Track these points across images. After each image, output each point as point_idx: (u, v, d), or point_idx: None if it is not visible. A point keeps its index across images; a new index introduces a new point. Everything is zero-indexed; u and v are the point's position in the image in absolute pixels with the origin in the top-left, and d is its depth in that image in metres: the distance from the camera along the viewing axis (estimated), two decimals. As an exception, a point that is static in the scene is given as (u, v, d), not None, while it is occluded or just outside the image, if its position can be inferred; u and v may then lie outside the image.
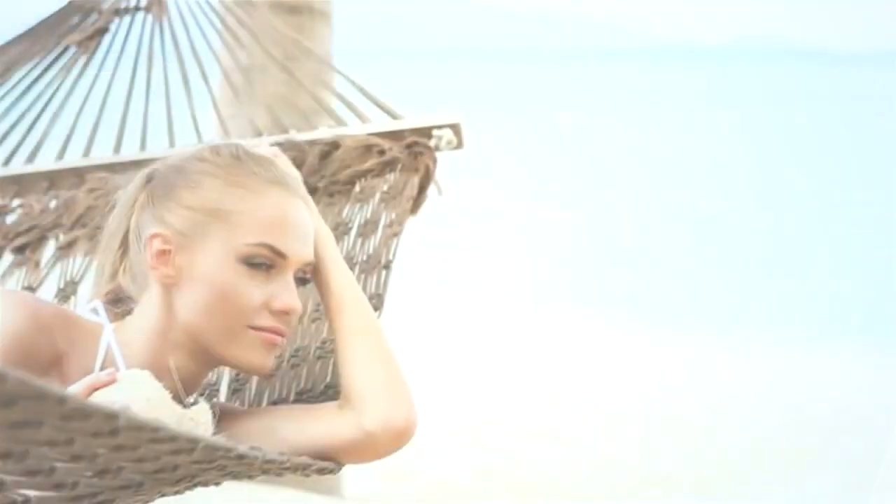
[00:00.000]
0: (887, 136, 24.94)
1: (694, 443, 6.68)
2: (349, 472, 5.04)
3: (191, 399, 1.79)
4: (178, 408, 1.61)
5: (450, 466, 6.16)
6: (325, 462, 1.72)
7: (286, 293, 1.73)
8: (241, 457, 1.47)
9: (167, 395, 1.61)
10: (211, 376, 2.00)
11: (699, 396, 7.62)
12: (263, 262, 1.73)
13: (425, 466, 6.07)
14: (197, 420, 1.62)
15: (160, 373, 1.71)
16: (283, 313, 1.72)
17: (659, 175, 20.28)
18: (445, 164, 2.48)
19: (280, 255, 1.73)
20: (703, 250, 13.98)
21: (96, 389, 1.59)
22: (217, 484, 1.65)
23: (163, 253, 1.74)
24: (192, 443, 1.35)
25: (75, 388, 1.59)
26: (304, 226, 1.78)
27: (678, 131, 27.79)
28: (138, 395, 1.59)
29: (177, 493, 1.64)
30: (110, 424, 1.17)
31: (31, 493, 1.34)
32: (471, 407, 7.25)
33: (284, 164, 1.95)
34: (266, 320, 1.71)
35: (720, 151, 24.09)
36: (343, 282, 1.84)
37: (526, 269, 12.82)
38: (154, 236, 1.75)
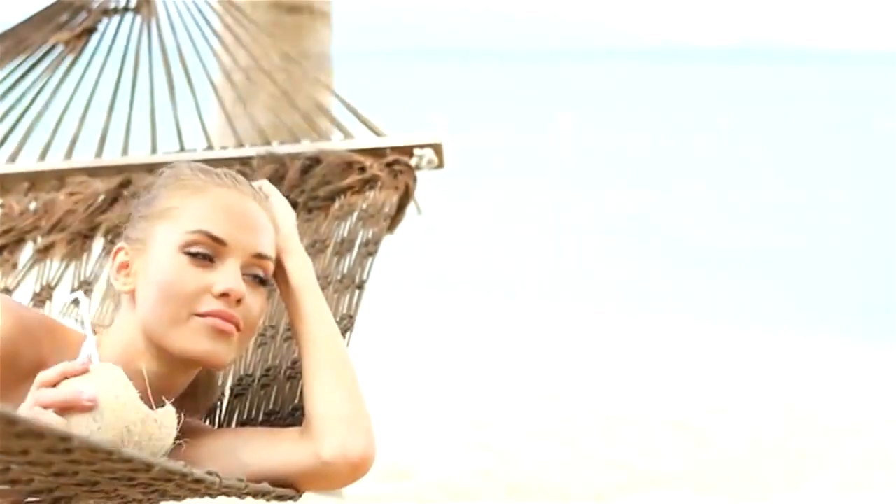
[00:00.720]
0: (887, 136, 24.93)
1: (694, 443, 6.68)
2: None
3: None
4: (144, 408, 1.60)
5: (450, 466, 6.16)
6: (283, 489, 1.71)
7: (227, 278, 1.72)
8: (197, 481, 1.47)
9: (135, 395, 1.61)
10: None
11: (699, 396, 7.62)
12: (203, 250, 1.73)
13: (425, 466, 6.07)
14: (161, 422, 1.62)
15: (132, 379, 1.71)
16: (225, 296, 1.71)
17: (659, 175, 20.27)
18: (450, 168, 2.48)
19: (218, 241, 1.74)
20: (702, 249, 13.97)
21: (67, 378, 1.60)
22: (178, 499, 1.64)
23: (123, 265, 1.79)
24: (147, 466, 1.36)
25: (48, 374, 1.60)
26: (250, 219, 1.78)
27: (678, 131, 27.79)
28: (108, 389, 1.58)
29: (141, 501, 1.64)
30: (64, 444, 1.18)
31: None
32: (470, 407, 7.24)
33: (269, 189, 1.96)
34: (210, 305, 1.71)
35: (720, 151, 24.08)
36: (314, 309, 1.84)
37: (523, 268, 12.82)
38: (118, 250, 1.80)
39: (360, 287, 2.12)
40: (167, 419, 1.62)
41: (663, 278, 12.40)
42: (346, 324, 2.02)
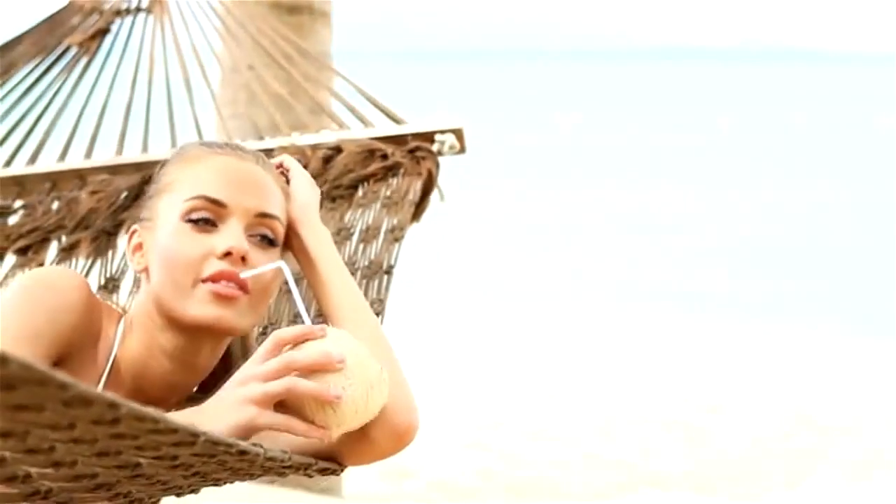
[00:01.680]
0: (887, 136, 24.94)
1: (693, 442, 6.69)
2: (348, 471, 5.05)
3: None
4: (377, 364, 1.62)
5: (450, 466, 6.17)
6: (326, 462, 1.70)
7: (229, 237, 1.71)
8: (242, 453, 1.45)
9: (369, 353, 1.62)
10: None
11: (698, 396, 7.62)
12: (204, 216, 1.72)
13: (425, 466, 6.07)
14: (387, 379, 1.64)
15: (153, 358, 1.74)
16: (228, 255, 1.70)
17: (659, 174, 20.28)
18: (449, 169, 2.48)
19: (218, 203, 1.73)
20: (702, 249, 13.97)
21: (308, 340, 1.60)
22: (217, 484, 1.64)
23: (138, 246, 1.79)
24: (193, 436, 1.34)
25: (284, 335, 1.60)
26: (250, 179, 1.77)
27: (678, 131, 27.79)
28: (347, 348, 1.59)
29: (178, 491, 1.64)
30: (112, 413, 1.18)
31: (32, 469, 1.35)
32: (471, 407, 7.25)
33: (290, 163, 1.95)
34: (213, 267, 1.69)
35: (720, 151, 24.09)
36: (338, 282, 1.82)
37: (523, 268, 12.82)
38: (132, 233, 1.81)
39: (389, 272, 2.12)
40: (385, 377, 1.64)
41: (663, 277, 12.40)
42: (376, 307, 2.01)
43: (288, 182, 1.88)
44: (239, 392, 1.58)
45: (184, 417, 1.46)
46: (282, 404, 1.59)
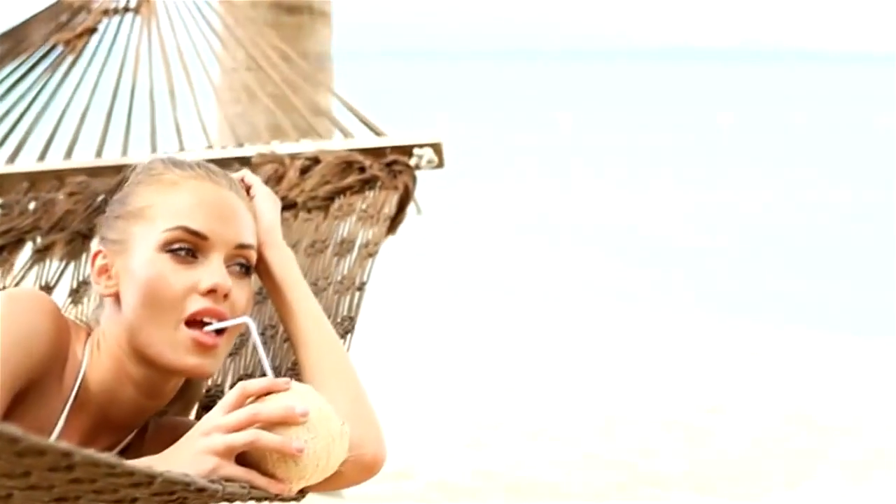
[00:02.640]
0: (887, 136, 24.93)
1: (693, 442, 6.68)
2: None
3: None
4: (338, 420, 1.62)
5: (450, 466, 6.16)
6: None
7: (212, 273, 1.69)
8: (200, 490, 1.45)
9: (332, 408, 1.62)
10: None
11: (699, 396, 7.62)
12: (184, 247, 1.70)
13: (425, 466, 6.07)
14: (348, 433, 1.63)
15: (121, 385, 1.72)
16: (212, 292, 1.69)
17: (658, 174, 20.27)
18: (449, 168, 2.47)
19: (199, 236, 1.71)
20: (702, 248, 13.97)
21: (272, 393, 1.59)
22: None
23: (103, 268, 1.75)
24: (149, 477, 1.34)
25: (251, 387, 1.60)
26: (228, 209, 1.75)
27: (678, 131, 27.79)
28: (310, 402, 1.59)
29: None
30: (66, 461, 1.18)
31: None
32: (470, 407, 7.25)
33: (251, 179, 1.93)
34: (196, 304, 1.68)
35: (720, 151, 24.09)
36: (304, 308, 1.82)
37: (523, 268, 12.82)
38: (96, 254, 1.77)
39: (361, 289, 2.10)
40: (347, 430, 1.64)
41: (663, 277, 12.40)
42: (346, 325, 2.00)
43: (250, 199, 1.86)
44: (202, 442, 1.57)
45: (143, 464, 1.45)
46: (243, 455, 1.58)
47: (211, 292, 1.69)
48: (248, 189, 1.89)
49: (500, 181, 18.96)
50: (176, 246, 1.70)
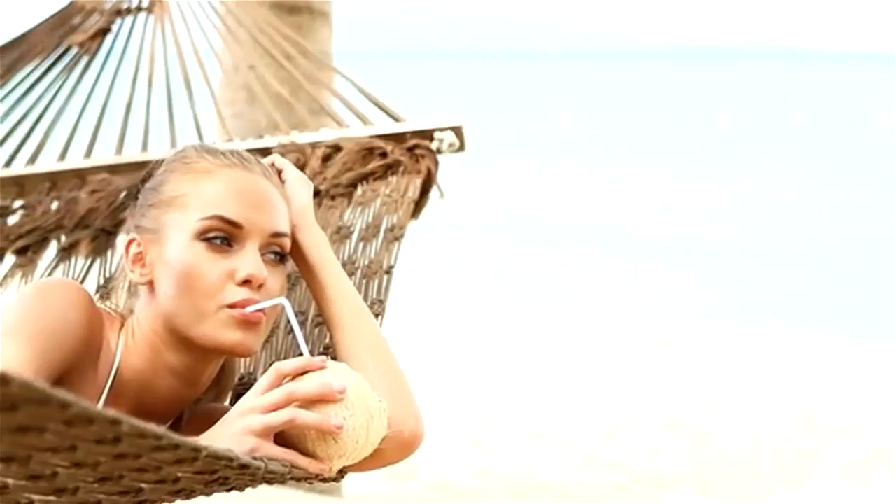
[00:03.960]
0: (887, 136, 24.94)
1: (694, 443, 6.68)
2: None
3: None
4: (376, 396, 1.62)
5: (450, 466, 6.17)
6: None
7: (248, 263, 1.69)
8: (243, 467, 1.45)
9: (368, 385, 1.61)
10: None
11: (699, 396, 7.62)
12: (219, 235, 1.70)
13: (425, 466, 6.07)
14: (386, 410, 1.63)
15: (158, 374, 1.72)
16: (247, 282, 1.68)
17: (658, 174, 20.28)
18: (449, 166, 2.47)
19: (234, 224, 1.70)
20: (702, 248, 13.97)
21: (308, 371, 1.60)
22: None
23: (138, 256, 1.75)
24: (194, 452, 1.33)
25: (285, 367, 1.60)
26: (263, 198, 1.74)
27: (678, 131, 27.80)
28: (347, 379, 1.59)
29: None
30: (114, 431, 1.17)
31: (35, 497, 1.33)
32: (471, 407, 7.25)
33: (282, 163, 1.93)
34: (236, 295, 1.68)
35: (720, 151, 24.10)
36: (338, 288, 1.81)
37: (523, 268, 12.82)
38: (130, 242, 1.77)
39: (388, 272, 2.09)
40: (385, 407, 1.63)
41: (663, 277, 12.40)
42: (376, 308, 1.98)
43: (282, 182, 1.86)
44: (239, 423, 1.57)
45: (189, 439, 1.44)
46: (282, 435, 1.58)
47: (246, 282, 1.69)
48: (279, 173, 1.88)
49: (500, 181, 18.96)
50: (211, 235, 1.70)
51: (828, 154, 23.47)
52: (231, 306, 1.68)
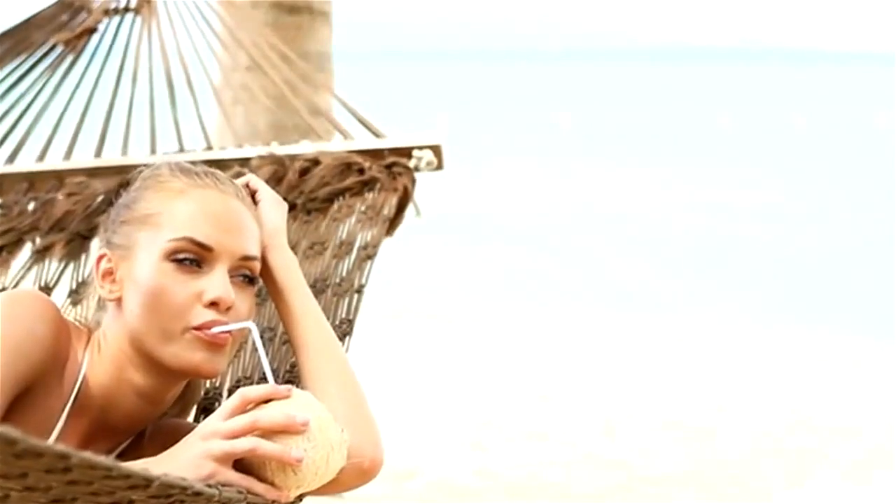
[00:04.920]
0: (887, 136, 24.94)
1: (694, 443, 6.68)
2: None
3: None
4: (338, 428, 1.62)
5: (450, 466, 6.17)
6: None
7: (216, 285, 1.69)
8: (197, 494, 1.45)
9: (331, 416, 1.62)
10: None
11: (699, 396, 7.62)
12: (189, 257, 1.70)
13: (425, 466, 6.07)
14: (347, 441, 1.63)
15: (121, 391, 1.72)
16: (214, 304, 1.69)
17: (658, 175, 20.28)
18: (449, 166, 2.46)
19: (204, 247, 1.71)
20: (702, 248, 13.98)
21: (273, 400, 1.59)
22: None
23: (108, 272, 1.76)
24: (146, 480, 1.34)
25: (251, 394, 1.59)
26: (235, 221, 1.75)
27: (678, 131, 27.79)
28: (310, 410, 1.59)
29: None
30: (63, 463, 1.18)
31: None
32: (470, 407, 7.25)
33: (256, 184, 1.93)
34: (202, 316, 1.68)
35: (720, 151, 24.09)
36: (305, 311, 1.81)
37: (522, 268, 12.82)
38: (100, 258, 1.77)
39: (360, 291, 2.09)
40: (346, 437, 1.64)
41: (663, 277, 12.40)
42: (345, 328, 1.99)
43: (255, 203, 1.86)
44: (200, 447, 1.57)
45: (140, 467, 1.45)
46: (241, 460, 1.58)
47: (214, 304, 1.69)
48: (253, 194, 1.89)
49: (500, 181, 18.96)
50: (181, 256, 1.70)
51: (828, 154, 23.47)
52: (197, 328, 1.68)
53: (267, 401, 1.60)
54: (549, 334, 9.54)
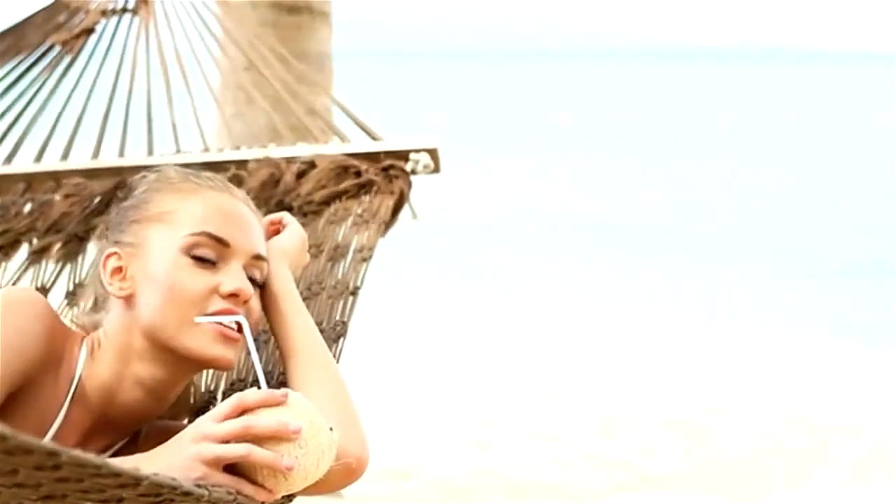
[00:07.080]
0: (887, 136, 24.94)
1: (694, 443, 6.69)
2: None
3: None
4: (329, 431, 1.63)
5: (450, 466, 6.17)
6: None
7: (234, 278, 1.74)
8: (186, 494, 1.47)
9: (323, 418, 1.63)
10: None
11: (699, 396, 7.62)
12: (207, 253, 1.75)
13: (425, 466, 6.07)
14: (337, 442, 1.65)
15: (124, 385, 1.74)
16: (233, 296, 1.73)
17: (658, 175, 20.28)
18: (449, 166, 2.46)
19: (222, 242, 1.76)
20: (702, 248, 13.98)
21: (267, 406, 1.61)
22: None
23: (117, 269, 1.78)
24: (136, 479, 1.35)
25: (246, 400, 1.61)
26: (246, 220, 1.81)
27: (678, 131, 27.79)
28: (303, 416, 1.61)
29: None
30: (53, 460, 1.19)
31: None
32: (470, 407, 7.25)
33: (289, 218, 2.00)
34: (217, 304, 1.73)
35: (720, 151, 24.10)
36: (296, 318, 1.85)
37: (522, 268, 12.83)
38: (108, 256, 1.80)
39: (354, 293, 2.10)
40: (336, 438, 1.65)
41: (663, 277, 12.40)
42: (339, 330, 2.01)
43: (283, 227, 1.94)
44: (193, 449, 1.58)
45: (131, 464, 1.46)
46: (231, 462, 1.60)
47: (232, 296, 1.74)
48: (280, 220, 1.96)
49: (500, 181, 18.96)
50: (199, 251, 1.75)
51: (828, 154, 23.47)
52: (215, 314, 1.72)
53: (262, 406, 1.61)
54: (549, 334, 9.54)
